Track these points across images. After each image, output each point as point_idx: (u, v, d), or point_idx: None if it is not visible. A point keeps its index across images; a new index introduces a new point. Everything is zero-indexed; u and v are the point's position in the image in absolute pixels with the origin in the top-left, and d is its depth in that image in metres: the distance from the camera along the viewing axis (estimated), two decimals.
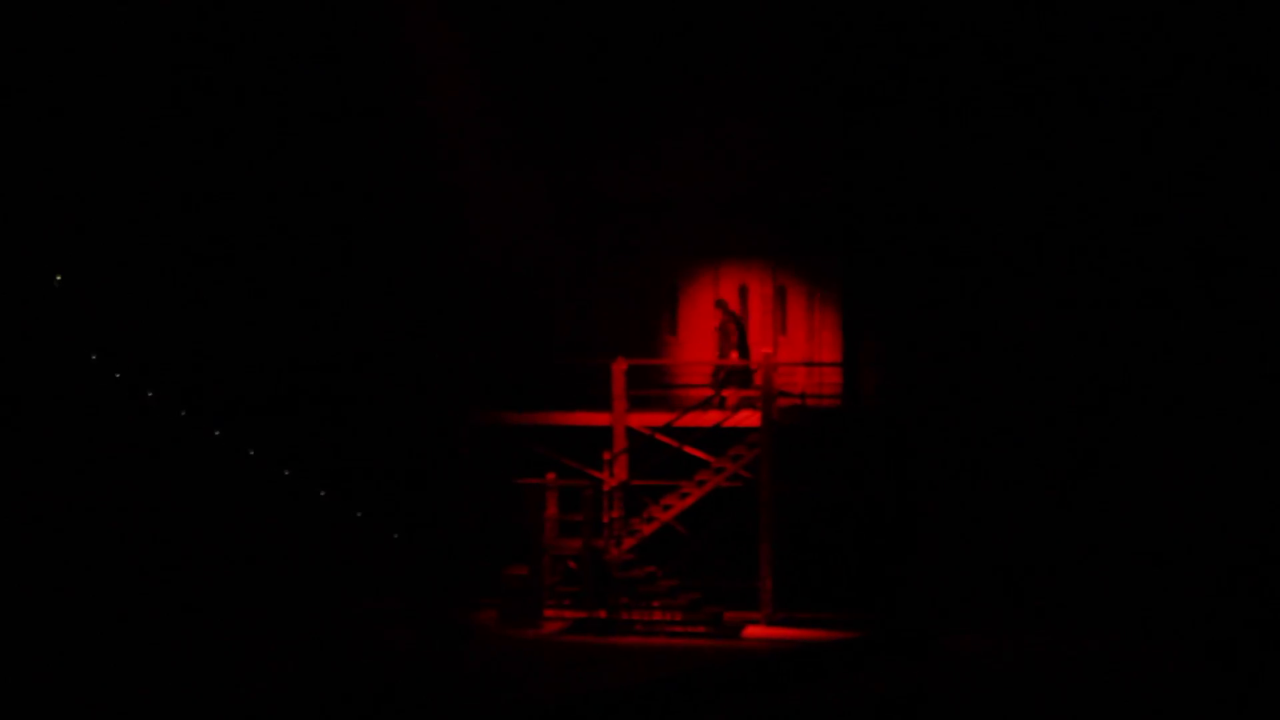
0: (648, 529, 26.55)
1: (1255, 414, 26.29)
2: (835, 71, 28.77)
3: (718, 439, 26.86)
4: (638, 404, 27.87)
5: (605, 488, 26.64)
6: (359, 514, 27.86)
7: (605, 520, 26.44)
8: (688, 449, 26.93)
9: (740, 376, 27.45)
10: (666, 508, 26.58)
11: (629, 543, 26.40)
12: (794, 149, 29.07)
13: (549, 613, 26.28)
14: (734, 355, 27.55)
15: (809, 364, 28.71)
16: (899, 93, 28.39)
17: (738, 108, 29.16)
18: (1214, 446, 26.14)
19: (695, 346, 29.27)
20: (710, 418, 26.99)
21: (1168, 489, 26.22)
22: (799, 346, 29.19)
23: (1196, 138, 26.94)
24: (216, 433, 27.29)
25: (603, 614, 25.89)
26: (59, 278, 26.46)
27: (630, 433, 27.27)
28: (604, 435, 27.31)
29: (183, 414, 27.13)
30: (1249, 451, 26.07)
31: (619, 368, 27.28)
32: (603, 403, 27.49)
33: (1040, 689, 21.27)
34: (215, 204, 28.43)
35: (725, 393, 27.28)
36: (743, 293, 29.43)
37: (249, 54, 28.48)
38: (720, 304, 28.18)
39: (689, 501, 26.58)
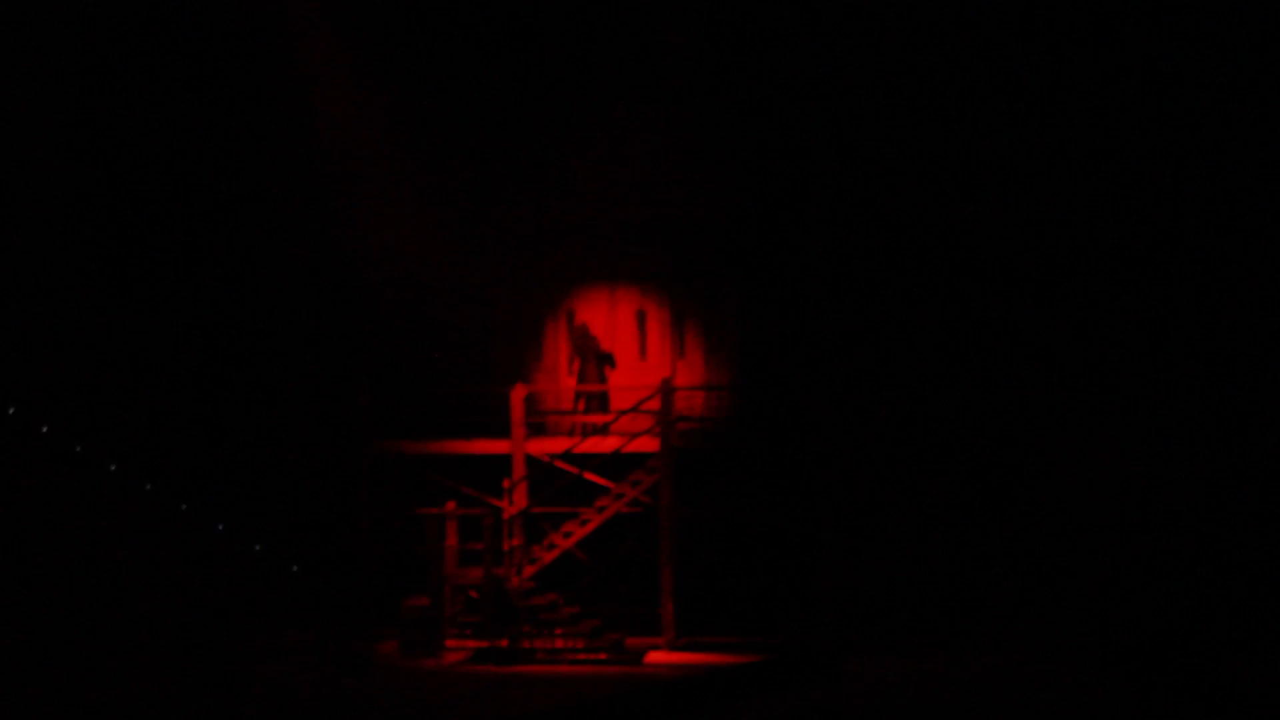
0: (549, 556, 26.50)
1: (1154, 429, 26.54)
2: (732, 96, 28.87)
3: (618, 464, 26.85)
4: (536, 431, 27.84)
5: (505, 516, 26.56)
6: (257, 546, 27.59)
7: (506, 548, 26.36)
8: (588, 475, 26.91)
9: (599, 401, 27.62)
10: (567, 535, 26.55)
11: (530, 570, 26.33)
12: (690, 174, 29.12)
13: (450, 643, 26.15)
14: (593, 379, 27.86)
15: (707, 387, 28.76)
16: (796, 116, 28.54)
17: (636, 133, 29.19)
18: (1116, 463, 26.36)
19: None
20: (609, 443, 26.98)
21: (1070, 506, 26.43)
22: (698, 370, 29.24)
23: (1082, 141, 27.23)
24: (111, 468, 26.96)
25: (504, 643, 25.79)
26: None
27: (530, 460, 27.21)
28: (503, 463, 27.23)
29: (77, 449, 26.78)
30: (1150, 467, 26.31)
31: (517, 394, 27.22)
32: (502, 430, 27.42)
33: (943, 710, 21.35)
34: (101, 232, 28.18)
35: (625, 419, 27.31)
36: (640, 317, 29.46)
37: (130, 67, 28.28)
38: (579, 327, 28.32)
39: (590, 528, 26.56)
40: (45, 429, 26.57)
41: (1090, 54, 26.94)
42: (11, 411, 26.40)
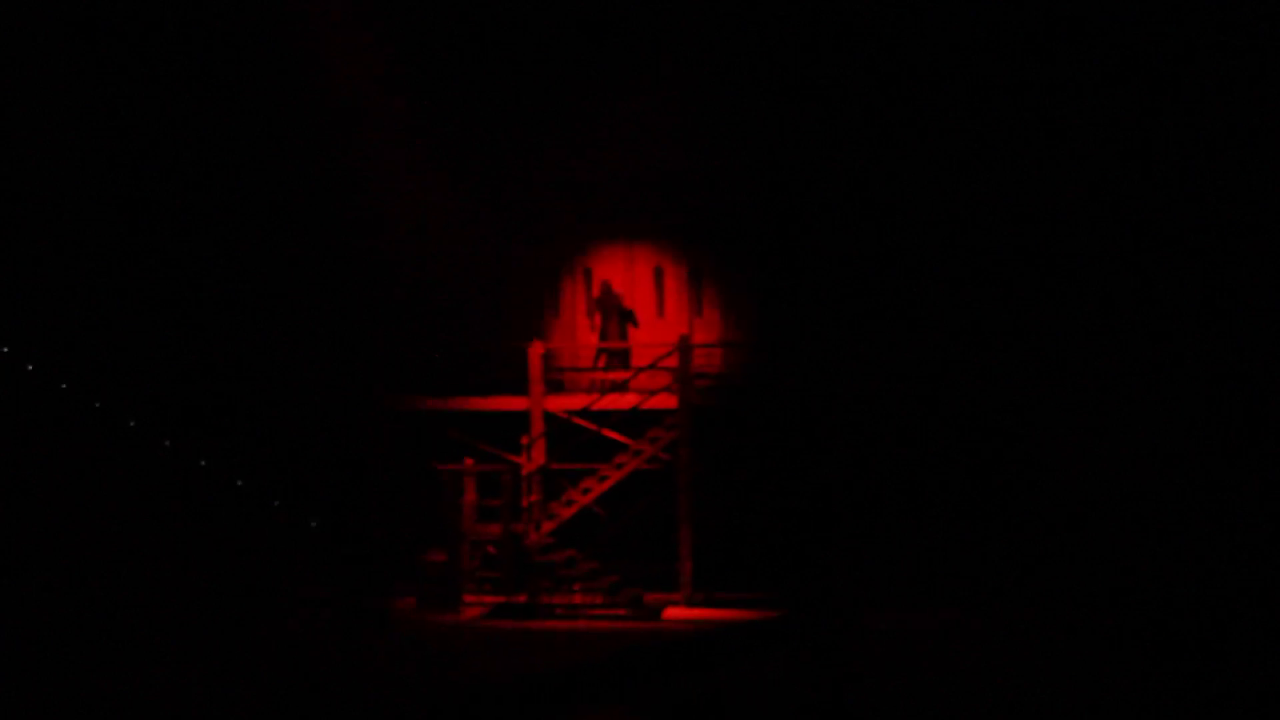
0: (567, 513, 26.53)
1: (1166, 389, 26.56)
2: (754, 52, 28.78)
3: (636, 421, 26.87)
4: (555, 388, 27.86)
5: (524, 472, 26.60)
6: (275, 502, 27.63)
7: (524, 505, 26.41)
8: (606, 432, 26.92)
9: (621, 358, 27.64)
10: (585, 491, 26.56)
11: (548, 527, 26.37)
12: (708, 130, 29.04)
13: (468, 598, 26.22)
14: (615, 336, 27.90)
15: (725, 344, 28.73)
16: (819, 72, 28.46)
17: (654, 89, 29.10)
18: (1129, 417, 26.39)
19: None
20: (628, 400, 26.98)
21: (1082, 463, 26.44)
22: (715, 327, 29.21)
23: (1080, 131, 27.26)
24: (130, 424, 26.99)
25: (523, 598, 25.84)
26: None
27: (548, 416, 27.23)
28: (522, 420, 27.25)
29: (96, 406, 26.81)
30: (1159, 426, 26.35)
31: (535, 351, 27.23)
32: (519, 387, 27.42)
33: (961, 661, 21.38)
34: (121, 199, 28.17)
35: (642, 376, 27.33)
36: (658, 274, 29.43)
37: (149, 49, 28.25)
38: (603, 284, 28.31)
39: (607, 485, 26.58)
40: (64, 387, 26.60)
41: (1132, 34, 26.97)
42: (30, 368, 26.46)
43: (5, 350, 26.08)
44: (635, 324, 28.44)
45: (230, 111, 28.74)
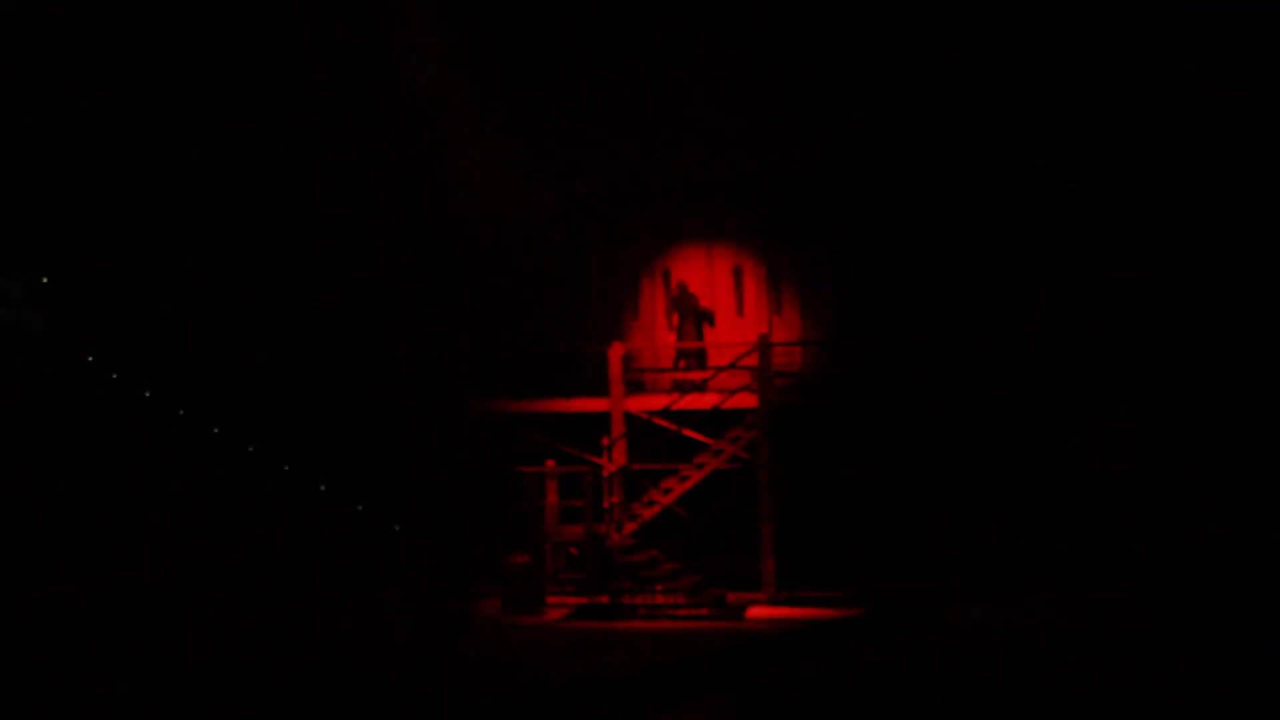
0: (648, 513, 26.56)
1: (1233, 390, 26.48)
2: (831, 55, 28.75)
3: (716, 421, 26.88)
4: (635, 388, 27.92)
5: (605, 473, 26.64)
6: (359, 506, 27.82)
7: (605, 506, 26.45)
8: (686, 432, 26.95)
9: (698, 358, 27.66)
10: (666, 491, 26.59)
11: (630, 527, 26.41)
12: (787, 131, 29.05)
13: (551, 599, 26.30)
14: (692, 337, 27.96)
15: (804, 343, 28.72)
16: (894, 74, 28.44)
17: (733, 91, 29.15)
18: (1205, 417, 26.30)
19: None
20: (708, 400, 27.00)
21: (1167, 456, 26.35)
22: (794, 326, 29.20)
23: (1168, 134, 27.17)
24: (214, 430, 27.24)
25: (605, 599, 25.88)
26: (45, 279, 26.37)
27: (628, 417, 27.29)
28: (602, 421, 27.33)
29: (180, 412, 27.07)
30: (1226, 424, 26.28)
31: (615, 353, 27.29)
32: (600, 388, 27.51)
33: (1046, 654, 21.32)
34: (204, 202, 28.38)
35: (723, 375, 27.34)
36: (737, 274, 29.46)
37: (231, 51, 28.44)
38: (679, 285, 28.35)
39: (688, 485, 26.59)
40: (147, 393, 26.88)
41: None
42: (115, 376, 26.74)
43: (91, 359, 26.40)
44: (712, 324, 28.49)
45: (309, 111, 28.93)
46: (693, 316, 28.37)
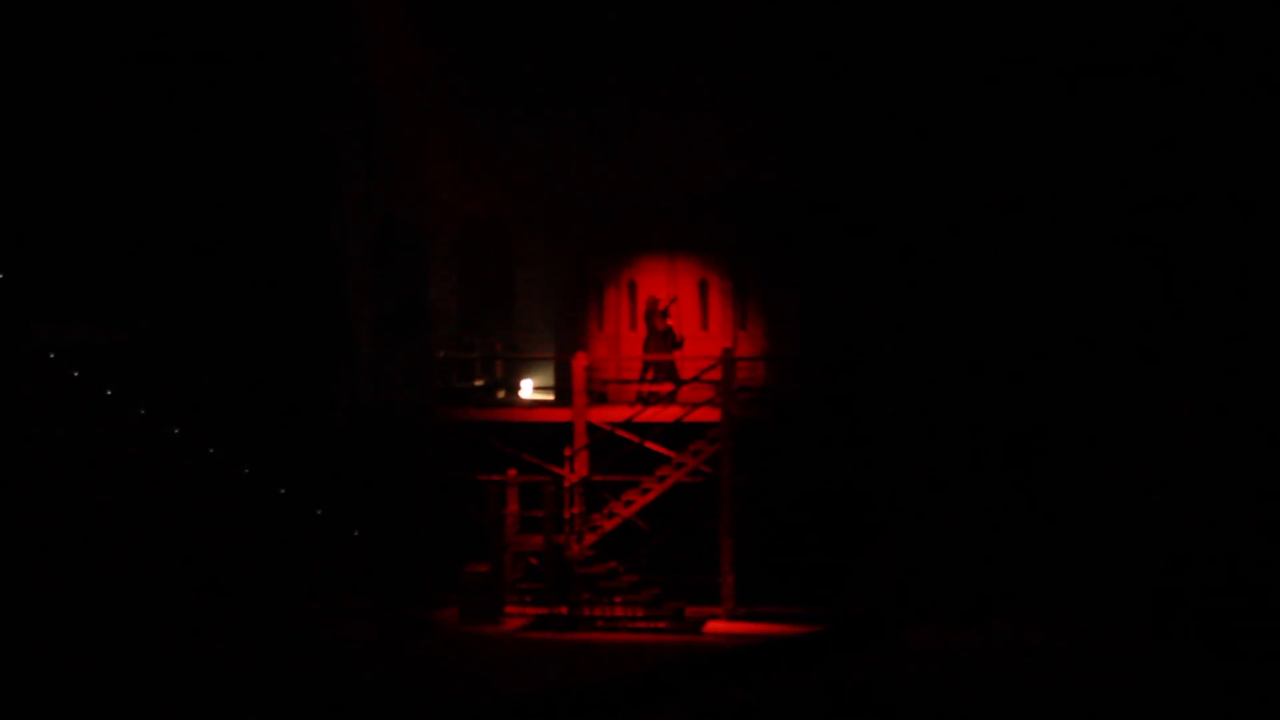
0: (609, 525, 26.50)
1: (1209, 405, 26.50)
2: (796, 68, 28.80)
3: (679, 434, 26.83)
4: (598, 399, 27.89)
5: (566, 484, 26.58)
6: (319, 511, 27.73)
7: (566, 516, 26.39)
8: (649, 444, 26.90)
9: (667, 371, 27.68)
10: (628, 503, 26.53)
11: (590, 539, 26.35)
12: (752, 146, 29.06)
13: (510, 609, 26.24)
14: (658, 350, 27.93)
15: (769, 358, 28.73)
16: (860, 88, 28.51)
17: (698, 104, 29.15)
18: (1182, 437, 26.37)
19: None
20: (671, 413, 26.97)
21: (1126, 477, 26.39)
22: (759, 341, 29.21)
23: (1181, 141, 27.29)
24: (175, 431, 27.12)
25: (564, 610, 25.84)
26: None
27: (591, 428, 27.23)
28: (565, 431, 27.26)
29: (141, 412, 26.94)
30: (1205, 444, 26.30)
31: (579, 363, 27.24)
32: (563, 398, 27.47)
33: (1004, 678, 21.33)
34: (168, 207, 28.39)
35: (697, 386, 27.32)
36: (703, 287, 29.46)
37: (200, 48, 28.45)
38: (650, 301, 28.30)
39: (650, 497, 26.53)
40: (109, 392, 26.77)
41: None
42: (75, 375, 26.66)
43: (52, 357, 26.29)
44: (679, 344, 28.28)
45: (238, 121, 28.91)
46: (659, 332, 28.23)
